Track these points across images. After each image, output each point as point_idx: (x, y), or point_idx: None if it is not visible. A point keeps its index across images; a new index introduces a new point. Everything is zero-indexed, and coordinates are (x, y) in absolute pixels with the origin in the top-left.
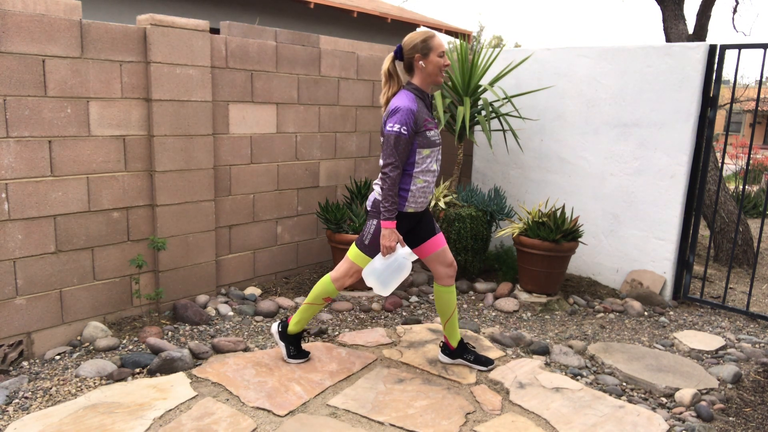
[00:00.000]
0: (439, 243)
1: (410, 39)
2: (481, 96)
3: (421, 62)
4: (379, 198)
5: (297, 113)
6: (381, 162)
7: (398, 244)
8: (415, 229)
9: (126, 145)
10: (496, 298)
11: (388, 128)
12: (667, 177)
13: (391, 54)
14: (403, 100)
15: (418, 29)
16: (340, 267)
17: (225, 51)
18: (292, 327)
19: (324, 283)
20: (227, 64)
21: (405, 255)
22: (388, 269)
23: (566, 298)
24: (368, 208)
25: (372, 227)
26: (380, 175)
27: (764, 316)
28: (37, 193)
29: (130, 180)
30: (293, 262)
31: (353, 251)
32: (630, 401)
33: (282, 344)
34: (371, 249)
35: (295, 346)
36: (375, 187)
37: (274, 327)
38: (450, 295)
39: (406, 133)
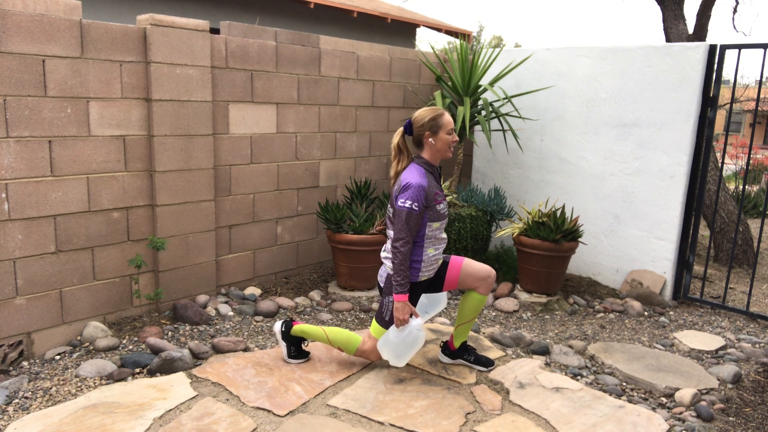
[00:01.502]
0: (456, 265)
1: (420, 116)
2: (481, 96)
3: (430, 139)
4: (390, 272)
5: (297, 113)
6: (391, 235)
7: (411, 316)
8: (431, 281)
9: (126, 145)
10: (496, 298)
11: (399, 204)
12: (667, 177)
13: (401, 129)
14: (414, 175)
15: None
16: (368, 343)
17: (225, 51)
18: (297, 331)
19: (351, 342)
20: (227, 64)
21: (418, 326)
22: (403, 342)
23: (566, 298)
24: (381, 285)
25: (389, 303)
26: (391, 249)
27: (764, 316)
28: (37, 193)
29: (130, 180)
30: (293, 262)
31: (375, 327)
32: (630, 401)
33: (283, 344)
34: (391, 324)
35: (296, 347)
36: (385, 261)
37: (277, 326)
38: (481, 303)
39: (417, 209)
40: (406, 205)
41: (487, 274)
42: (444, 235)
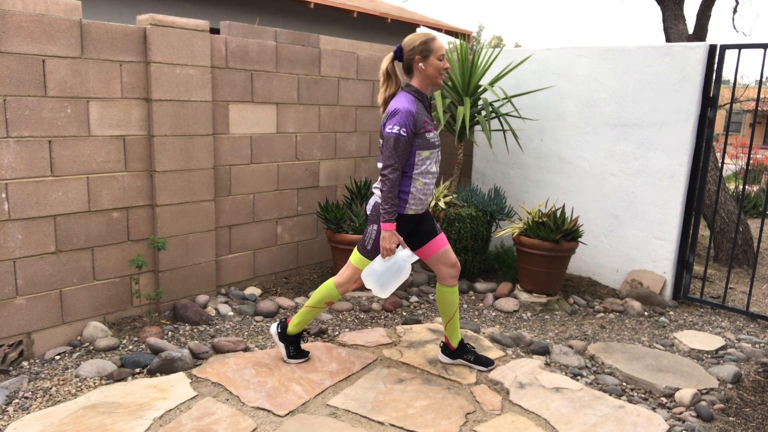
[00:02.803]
0: (441, 244)
1: (410, 40)
2: (481, 96)
3: (420, 64)
4: (379, 201)
5: (297, 113)
6: (380, 164)
7: (398, 246)
8: (416, 231)
9: (126, 145)
10: (496, 298)
11: (387, 130)
12: (667, 177)
13: (391, 54)
14: (402, 102)
15: (418, 29)
16: (344, 272)
17: (225, 51)
18: (292, 328)
19: (327, 288)
20: (227, 64)
21: (405, 257)
22: (387, 272)
23: (566, 298)
24: (368, 212)
25: (373, 232)
26: (380, 177)
27: (764, 316)
28: (37, 193)
29: (130, 180)
30: (293, 262)
31: (356, 256)
32: (630, 401)
33: (281, 345)
34: (374, 253)
35: (294, 347)
36: (375, 191)
37: (273, 328)
38: (453, 295)
39: (405, 134)
40: (394, 130)
41: (455, 263)
42: (434, 169)
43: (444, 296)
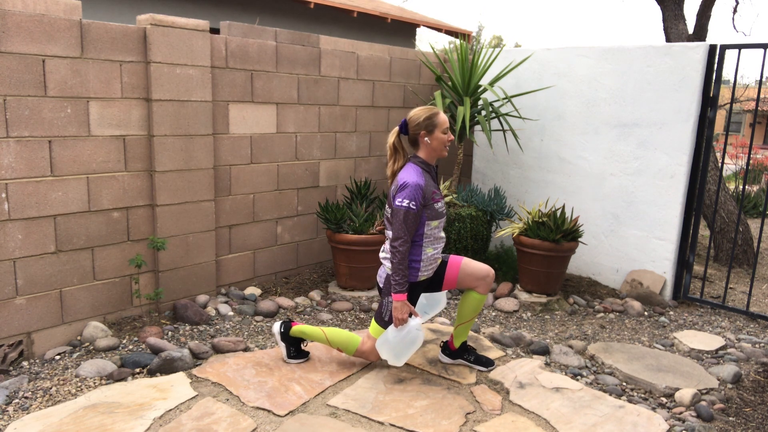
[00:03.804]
0: (455, 265)
1: (415, 116)
2: (481, 96)
3: (426, 138)
4: (389, 272)
5: (297, 113)
6: (389, 234)
7: (410, 316)
8: (430, 280)
9: (126, 145)
10: (496, 298)
11: (397, 203)
12: (667, 177)
13: (396, 128)
14: (411, 175)
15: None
16: (367, 343)
17: (225, 51)
18: (296, 332)
19: (350, 343)
20: (227, 64)
21: (417, 326)
22: (402, 342)
23: (566, 298)
24: (381, 285)
25: (389, 303)
26: (389, 248)
27: (764, 316)
28: (37, 193)
29: (130, 180)
30: (293, 262)
31: (374, 327)
32: (630, 401)
33: (283, 344)
34: (390, 324)
35: (295, 347)
36: (384, 261)
37: (276, 327)
38: (480, 302)
39: (414, 208)
40: (404, 204)
41: (486, 273)
42: (443, 235)
43: (471, 302)
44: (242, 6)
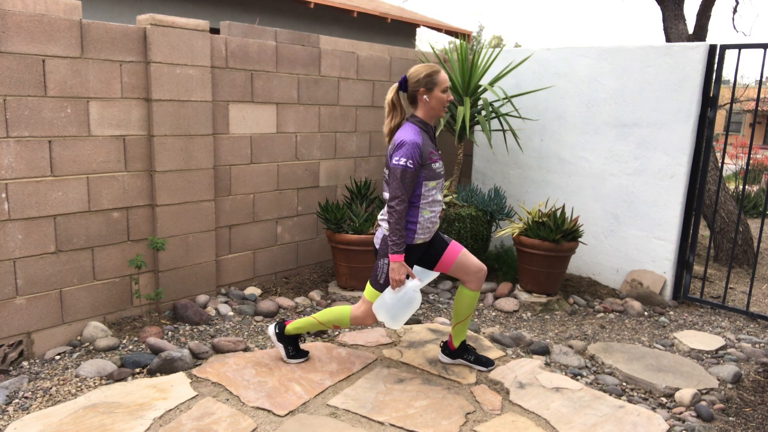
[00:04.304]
0: (455, 251)
1: (415, 72)
2: (481, 96)
3: (424, 96)
4: (387, 233)
5: (297, 113)
6: (387, 195)
7: (408, 277)
8: (427, 252)
9: (126, 145)
10: (496, 298)
11: (394, 162)
12: (667, 177)
13: (395, 84)
14: (408, 133)
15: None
16: (361, 307)
17: (225, 51)
18: (291, 329)
19: (342, 314)
20: (227, 64)
21: (414, 287)
22: (398, 303)
23: (566, 298)
24: (377, 246)
25: (384, 265)
26: (387, 209)
27: (764, 316)
28: (37, 193)
29: (130, 180)
30: (293, 262)
31: (369, 291)
32: (630, 401)
33: (280, 345)
34: (386, 287)
35: (293, 347)
36: (381, 223)
37: (271, 329)
38: (473, 300)
39: (412, 166)
40: (401, 162)
41: (478, 268)
42: (440, 198)
43: (464, 299)
44: (242, 6)
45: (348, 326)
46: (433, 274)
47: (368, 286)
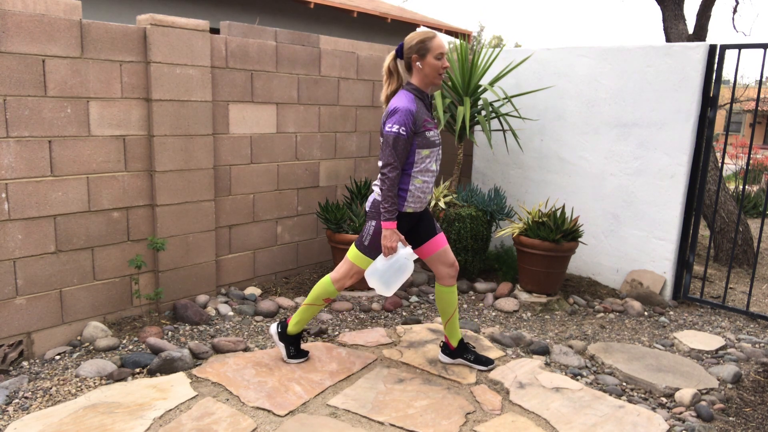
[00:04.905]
0: (440, 243)
1: (410, 38)
2: (481, 96)
3: (418, 63)
4: (379, 198)
5: (297, 113)
6: (380, 162)
7: (400, 244)
8: (415, 229)
9: (126, 145)
10: (496, 298)
11: (386, 129)
12: (667, 177)
13: (393, 51)
14: (402, 100)
15: (419, 29)
16: (340, 268)
17: (225, 51)
18: (292, 328)
19: (324, 284)
20: (227, 64)
21: (407, 255)
22: (390, 270)
23: (566, 298)
24: (367, 209)
25: (371, 228)
26: (379, 175)
27: (764, 316)
28: (37, 193)
29: (130, 180)
30: (293, 262)
31: (353, 252)
32: (630, 401)
33: (281, 345)
34: (371, 250)
35: (294, 347)
36: (374, 188)
37: (273, 328)
38: (451, 295)
39: (404, 133)
40: (393, 129)
41: (451, 263)
42: (434, 167)
43: (443, 296)
44: (242, 6)
45: (335, 293)
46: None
47: (352, 247)
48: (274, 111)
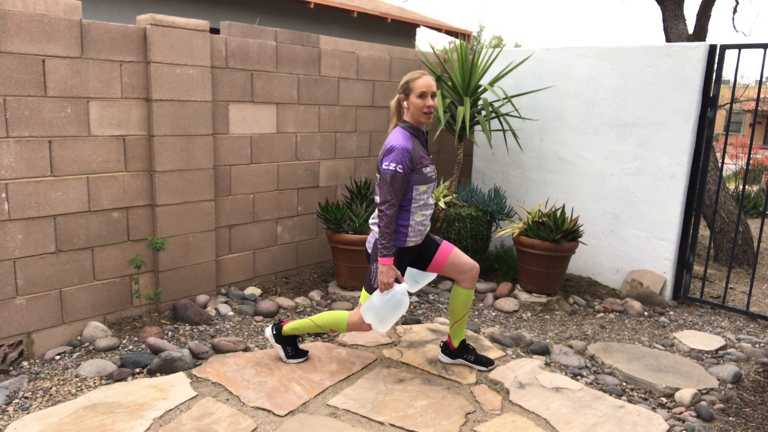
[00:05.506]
0: (446, 252)
1: (402, 78)
2: (481, 96)
3: (404, 102)
4: (377, 237)
5: (297, 113)
6: (377, 198)
7: (396, 281)
8: (419, 254)
9: (126, 145)
10: (496, 298)
11: (384, 166)
12: (667, 177)
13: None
14: (399, 138)
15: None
16: (357, 313)
17: (225, 51)
18: (288, 330)
19: (339, 319)
20: (227, 64)
21: (402, 291)
22: (386, 306)
23: (566, 298)
24: (368, 251)
25: (378, 270)
26: (377, 212)
27: (764, 316)
28: (37, 193)
29: (130, 180)
30: (293, 262)
31: (364, 296)
32: (630, 401)
33: (278, 346)
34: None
35: (292, 347)
36: (372, 227)
37: (268, 331)
38: (468, 298)
39: (401, 171)
40: (390, 167)
41: (470, 267)
42: (432, 201)
43: (459, 297)
44: (242, 6)
45: (344, 331)
46: (430, 276)
47: (363, 291)
48: (274, 111)
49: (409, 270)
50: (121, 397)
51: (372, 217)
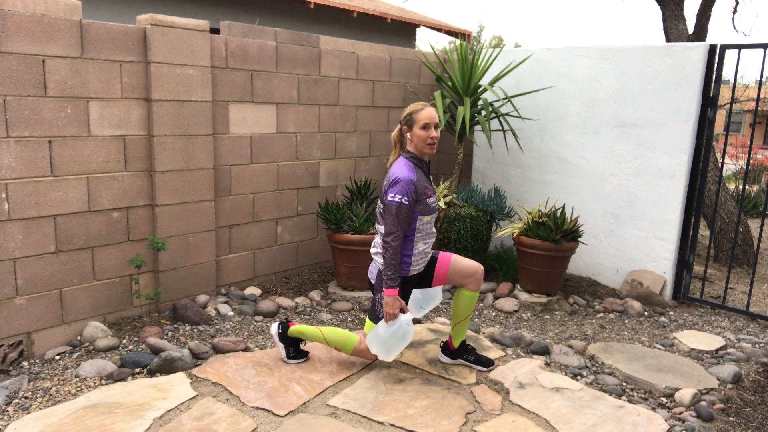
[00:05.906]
0: (445, 261)
1: (405, 110)
2: (481, 96)
3: (408, 134)
4: (381, 268)
5: (297, 113)
6: (382, 229)
7: (401, 311)
8: (421, 275)
9: (126, 145)
10: (496, 298)
11: (389, 198)
12: (667, 177)
13: (398, 124)
14: (403, 170)
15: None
16: (364, 342)
17: (225, 51)
18: (293, 332)
19: (348, 341)
20: (227, 64)
21: (408, 321)
22: (392, 337)
23: (566, 298)
24: (372, 281)
25: (382, 300)
26: (382, 243)
27: (764, 316)
28: (37, 193)
29: (130, 180)
30: (293, 262)
31: (369, 326)
32: (630, 401)
33: (281, 345)
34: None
35: (294, 347)
36: (376, 258)
37: (274, 328)
38: (472, 300)
39: (407, 203)
40: (396, 199)
41: (475, 270)
42: (434, 230)
43: (463, 299)
44: (242, 6)
45: (349, 354)
46: (435, 301)
47: (368, 321)
48: (274, 111)
49: (414, 296)
50: (121, 397)
51: (373, 245)
